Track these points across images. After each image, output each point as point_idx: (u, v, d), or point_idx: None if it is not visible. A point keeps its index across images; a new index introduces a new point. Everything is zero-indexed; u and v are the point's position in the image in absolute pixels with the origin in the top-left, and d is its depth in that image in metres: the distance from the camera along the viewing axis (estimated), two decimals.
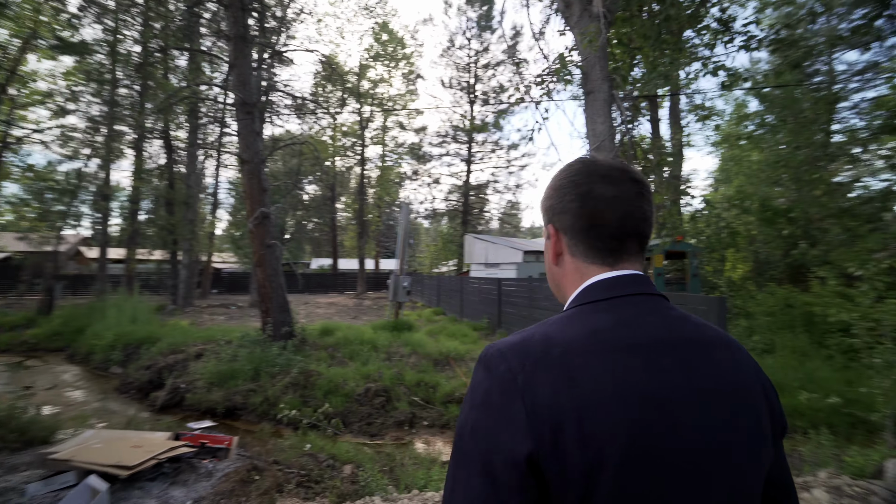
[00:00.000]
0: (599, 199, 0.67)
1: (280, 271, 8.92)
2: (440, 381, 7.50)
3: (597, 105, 4.73)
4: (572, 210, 0.69)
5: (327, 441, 5.35)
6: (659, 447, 0.53)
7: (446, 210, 25.76)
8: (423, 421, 6.69)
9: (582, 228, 0.69)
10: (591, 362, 0.56)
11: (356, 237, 24.87)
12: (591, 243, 0.68)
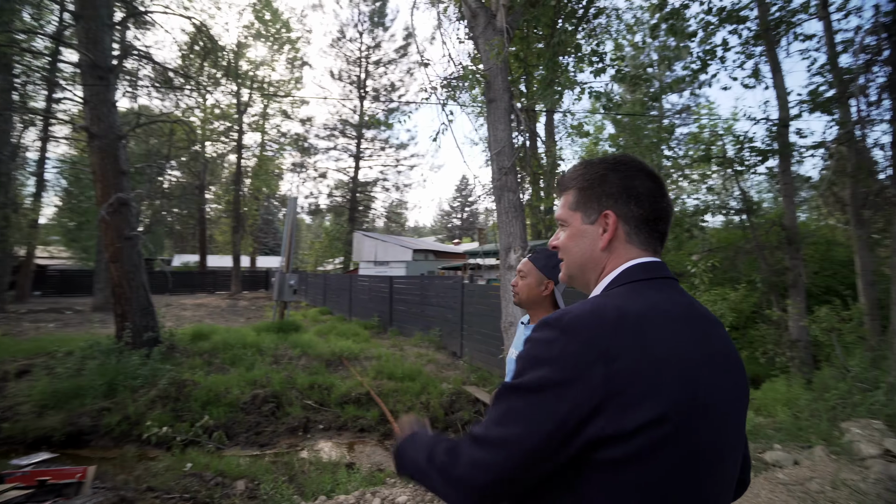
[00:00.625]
0: (663, 199, 0.81)
1: (142, 268, 7.63)
2: (335, 383, 7.24)
3: (498, 113, 5.08)
4: (642, 205, 0.80)
5: (212, 457, 4.77)
6: (707, 401, 0.65)
7: (331, 206, 24.76)
8: (319, 424, 6.39)
9: (649, 220, 0.80)
10: (656, 329, 0.66)
11: (230, 232, 22.40)
12: (652, 234, 0.81)
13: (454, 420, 6.59)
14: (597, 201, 0.83)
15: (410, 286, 11.54)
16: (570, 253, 0.87)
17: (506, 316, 4.75)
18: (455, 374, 8.01)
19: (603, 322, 0.65)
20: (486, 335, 8.16)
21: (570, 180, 0.89)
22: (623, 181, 0.82)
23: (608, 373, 0.61)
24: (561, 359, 0.64)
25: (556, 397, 0.62)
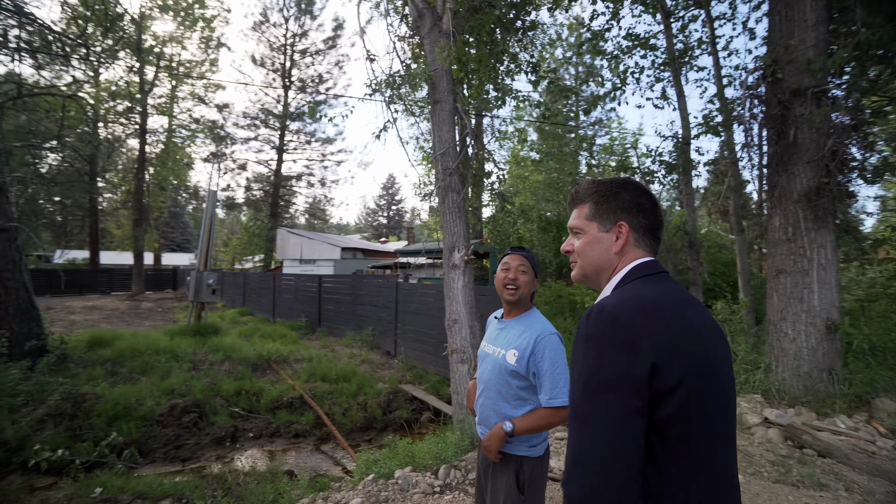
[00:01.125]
0: (659, 212, 1.01)
1: (23, 265, 6.54)
2: (264, 388, 6.84)
3: (443, 114, 5.17)
4: (647, 217, 0.99)
5: (126, 479, 4.27)
6: (712, 363, 0.82)
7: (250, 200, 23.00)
8: (249, 433, 6.00)
9: (651, 228, 0.99)
10: (671, 311, 0.83)
11: (130, 225, 19.85)
12: (653, 239, 0.99)
13: (393, 419, 6.58)
14: (612, 214, 0.99)
15: (341, 285, 11.23)
16: (588, 257, 1.01)
17: (450, 314, 4.87)
18: (390, 373, 7.98)
19: (633, 308, 0.82)
20: (422, 334, 8.23)
21: (584, 195, 1.05)
22: (633, 198, 0.99)
23: (650, 346, 0.77)
24: (619, 339, 0.78)
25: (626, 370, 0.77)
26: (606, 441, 0.74)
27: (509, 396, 1.70)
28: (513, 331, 1.75)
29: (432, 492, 3.28)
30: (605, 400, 0.75)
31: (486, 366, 1.81)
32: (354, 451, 5.48)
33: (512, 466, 1.68)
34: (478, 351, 1.94)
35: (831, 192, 4.65)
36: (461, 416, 4.51)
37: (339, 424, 6.14)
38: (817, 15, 4.89)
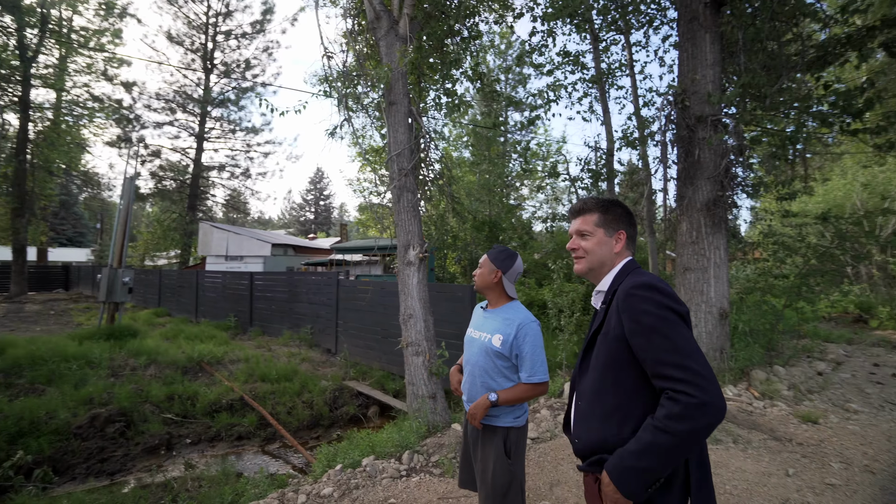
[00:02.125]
0: (636, 225, 1.36)
1: None
2: (199, 391, 6.48)
3: (399, 116, 5.33)
4: (634, 228, 1.34)
5: (41, 500, 3.87)
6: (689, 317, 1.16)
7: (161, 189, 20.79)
8: (185, 439, 5.68)
9: (634, 237, 1.35)
10: (668, 285, 1.17)
11: (8, 215, 17.02)
12: (634, 244, 1.35)
13: (340, 416, 6.60)
14: (616, 223, 1.34)
15: (276, 283, 10.81)
16: (595, 254, 1.34)
17: (405, 309, 5.07)
18: (333, 370, 7.94)
19: (663, 282, 1.17)
20: (365, 330, 8.28)
21: (592, 207, 1.39)
22: (626, 213, 1.37)
23: (680, 300, 1.13)
24: (671, 297, 1.13)
25: (683, 316, 1.11)
26: (704, 360, 1.05)
27: (494, 374, 1.97)
28: (497, 318, 2.02)
29: (399, 476, 3.48)
30: (686, 334, 1.08)
31: (473, 349, 2.07)
32: (304, 448, 5.46)
33: (500, 436, 1.96)
34: (465, 336, 2.20)
35: (725, 203, 5.61)
36: (417, 406, 4.73)
37: (285, 423, 6.03)
38: (714, 56, 5.84)
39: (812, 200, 12.76)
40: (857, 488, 3.01)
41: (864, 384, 5.30)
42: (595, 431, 1.20)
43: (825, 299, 7.76)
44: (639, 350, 1.12)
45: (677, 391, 1.03)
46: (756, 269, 8.95)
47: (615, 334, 1.19)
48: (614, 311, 1.21)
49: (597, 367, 1.24)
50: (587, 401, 1.26)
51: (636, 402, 1.15)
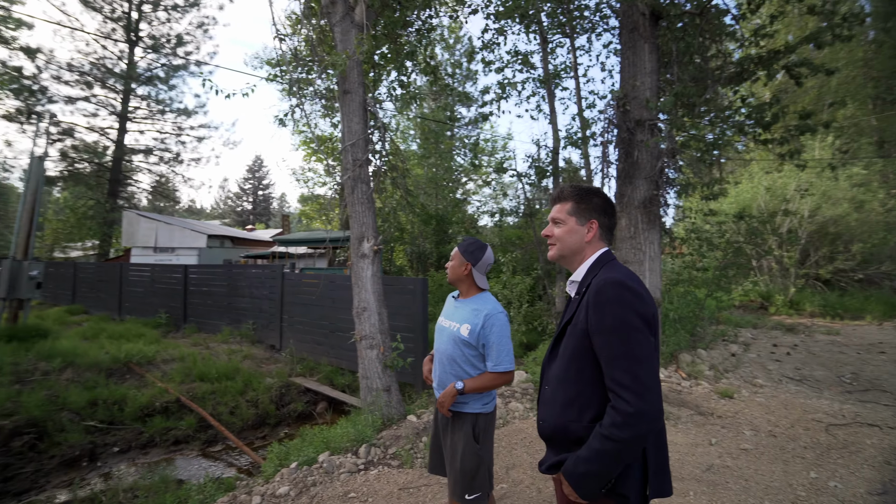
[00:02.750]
0: (615, 215, 1.40)
1: None
2: (128, 394, 5.98)
3: (353, 105, 5.21)
4: (610, 218, 1.38)
5: None
6: (656, 312, 1.25)
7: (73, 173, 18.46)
8: (113, 447, 5.23)
9: (610, 228, 1.38)
10: (640, 282, 1.23)
11: None
12: (609, 235, 1.39)
13: (287, 413, 6.39)
14: (588, 213, 1.38)
15: (214, 276, 10.15)
16: (566, 242, 1.38)
17: (358, 302, 5.01)
18: (278, 367, 7.64)
19: (633, 279, 1.23)
20: (311, 325, 8.05)
21: (567, 196, 1.41)
22: (602, 203, 1.40)
23: (649, 302, 1.20)
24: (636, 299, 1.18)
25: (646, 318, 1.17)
26: (652, 370, 1.11)
27: (462, 362, 2.02)
28: (467, 308, 2.07)
29: (357, 470, 3.46)
30: (642, 341, 1.13)
31: (443, 337, 2.11)
32: (251, 448, 5.24)
33: (469, 421, 2.02)
34: (436, 325, 2.24)
35: (659, 201, 6.10)
36: (372, 399, 4.71)
37: (227, 424, 5.73)
38: (652, 65, 6.29)
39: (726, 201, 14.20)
40: (764, 450, 3.46)
41: (767, 362, 6.04)
42: (558, 416, 1.27)
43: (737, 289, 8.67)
44: (597, 347, 1.19)
45: (620, 397, 1.10)
46: (682, 263, 9.83)
47: (582, 328, 1.24)
48: (585, 304, 1.25)
49: (564, 355, 1.30)
50: (553, 387, 1.32)
51: (596, 391, 1.21)
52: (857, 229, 12.82)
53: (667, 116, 6.03)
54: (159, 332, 9.35)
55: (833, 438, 3.64)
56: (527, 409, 4.68)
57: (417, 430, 4.16)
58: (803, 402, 4.54)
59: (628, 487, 1.16)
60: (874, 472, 3.10)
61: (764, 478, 3.04)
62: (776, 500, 2.77)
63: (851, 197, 12.94)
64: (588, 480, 1.13)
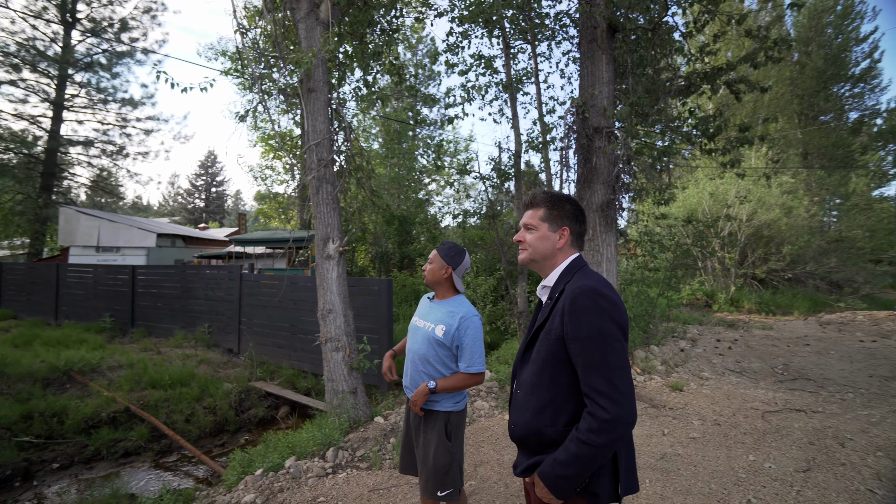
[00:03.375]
0: (586, 222, 1.44)
1: None
2: (69, 405, 5.59)
3: (318, 104, 5.13)
4: (581, 225, 1.43)
5: None
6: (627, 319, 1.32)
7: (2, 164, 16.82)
8: (52, 464, 4.87)
9: (581, 234, 1.43)
10: (613, 289, 1.29)
11: None
12: (580, 241, 1.44)
13: (247, 419, 6.19)
14: (559, 219, 1.41)
15: (165, 277, 9.61)
16: (537, 248, 1.41)
17: (324, 304, 4.95)
18: (237, 371, 7.38)
19: (608, 286, 1.27)
20: (272, 327, 7.83)
21: (540, 202, 1.45)
22: (574, 210, 1.44)
23: (623, 310, 1.24)
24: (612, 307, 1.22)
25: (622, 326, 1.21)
26: (627, 376, 1.15)
27: (435, 362, 2.07)
28: (442, 310, 2.11)
29: (325, 474, 3.43)
30: (617, 349, 1.17)
31: (417, 337, 2.14)
32: (209, 457, 5.03)
33: (441, 420, 2.07)
34: (409, 325, 2.28)
35: (615, 206, 6.42)
36: (338, 402, 4.66)
37: (183, 433, 5.47)
38: (609, 75, 6.61)
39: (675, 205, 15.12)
40: (710, 438, 3.75)
41: (712, 356, 6.51)
42: (531, 420, 1.30)
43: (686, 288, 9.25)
44: (573, 354, 1.21)
45: (597, 404, 1.13)
46: (635, 264, 10.37)
47: (557, 334, 1.25)
48: (559, 311, 1.27)
49: (537, 360, 1.31)
50: (525, 391, 1.35)
51: (569, 397, 1.25)
52: (786, 233, 14.03)
53: (622, 125, 6.36)
54: (103, 338, 8.75)
55: (768, 424, 4.00)
56: (492, 408, 4.80)
57: (385, 432, 4.17)
58: (743, 392, 4.94)
59: (600, 486, 1.21)
60: (801, 452, 3.45)
61: (710, 463, 3.30)
62: (721, 482, 3.02)
63: (782, 203, 14.13)
64: (564, 482, 1.17)
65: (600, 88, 6.54)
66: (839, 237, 16.37)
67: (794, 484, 2.98)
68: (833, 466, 3.20)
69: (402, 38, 18.88)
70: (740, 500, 2.80)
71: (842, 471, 3.14)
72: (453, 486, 2.04)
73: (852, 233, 16.60)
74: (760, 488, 2.94)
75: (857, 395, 4.82)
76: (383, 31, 6.56)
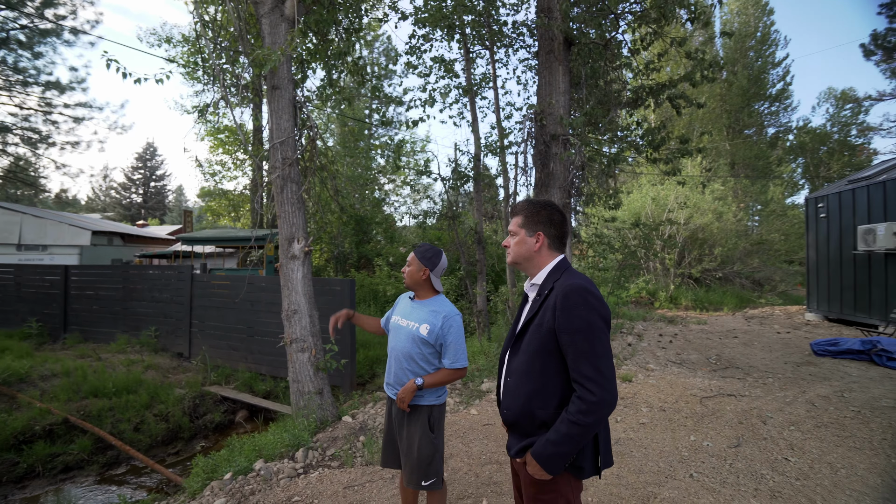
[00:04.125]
0: (565, 225, 1.58)
1: None
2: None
3: (283, 101, 5.05)
4: (556, 228, 1.56)
5: None
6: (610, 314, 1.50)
7: None
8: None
9: (559, 237, 1.57)
10: (597, 287, 1.46)
11: None
12: (560, 244, 1.58)
13: (203, 425, 5.95)
14: (536, 225, 1.57)
15: (104, 278, 8.94)
16: (517, 251, 1.57)
17: (289, 304, 4.90)
18: (188, 376, 7.05)
19: (593, 284, 1.43)
20: (227, 329, 7.55)
21: (520, 210, 1.61)
22: (549, 216, 1.59)
23: (605, 305, 1.40)
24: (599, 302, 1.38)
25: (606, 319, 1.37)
26: (610, 363, 1.32)
27: (419, 359, 2.17)
28: (424, 309, 2.22)
29: (297, 474, 3.43)
30: (603, 339, 1.33)
31: (399, 335, 2.23)
32: (163, 466, 4.81)
33: (424, 414, 2.18)
34: (389, 324, 2.35)
35: (570, 209, 6.81)
36: (304, 403, 4.63)
37: (133, 442, 5.18)
38: (565, 85, 6.99)
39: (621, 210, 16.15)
40: (657, 423, 4.13)
41: (656, 349, 7.07)
42: (523, 405, 1.45)
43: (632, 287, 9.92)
44: (564, 344, 1.35)
45: (585, 388, 1.28)
46: (587, 264, 10.98)
47: (549, 327, 1.39)
48: (550, 306, 1.40)
49: (527, 351, 1.45)
50: (516, 379, 1.49)
51: (558, 382, 1.41)
52: (717, 236, 15.38)
53: (577, 132, 6.76)
54: (30, 345, 8.00)
55: (705, 408, 4.46)
56: (457, 403, 4.96)
57: (354, 430, 4.21)
58: (684, 381, 5.44)
59: (585, 461, 1.40)
60: (732, 430, 3.90)
61: (658, 444, 3.65)
62: (668, 461, 3.36)
63: (714, 209, 15.49)
64: (556, 459, 1.33)
65: (557, 98, 6.89)
66: (760, 240, 18.14)
67: (727, 458, 3.38)
68: (758, 441, 3.66)
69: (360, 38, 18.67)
70: (684, 475, 3.15)
71: (764, 444, 3.60)
72: (436, 476, 2.16)
73: (771, 236, 18.46)
74: (700, 464, 3.31)
75: (776, 379, 5.46)
76: (346, 30, 6.53)
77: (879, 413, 4.18)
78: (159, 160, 44.27)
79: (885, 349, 6.17)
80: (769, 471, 3.18)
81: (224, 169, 14.84)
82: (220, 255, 13.43)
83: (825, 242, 10.13)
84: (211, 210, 15.21)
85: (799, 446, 3.54)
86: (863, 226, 8.55)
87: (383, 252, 14.44)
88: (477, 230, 8.90)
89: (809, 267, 10.71)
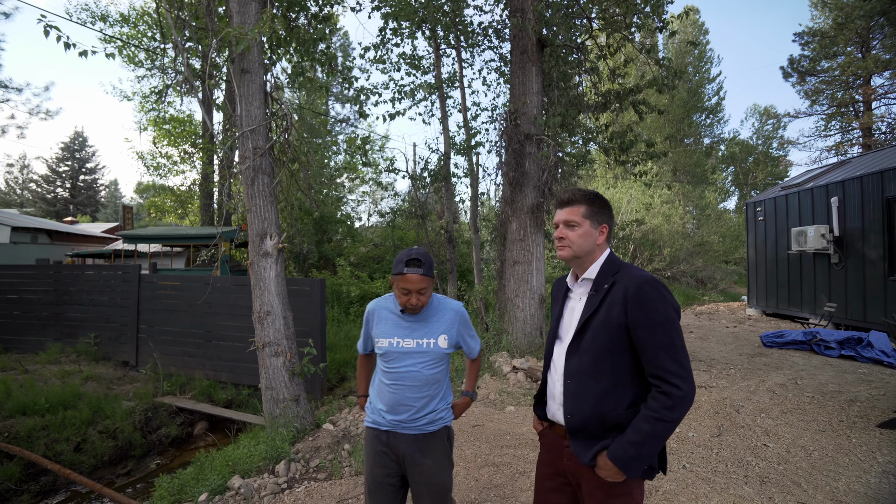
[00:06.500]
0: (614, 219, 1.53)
1: None
2: None
3: (253, 87, 4.67)
4: (613, 224, 1.51)
5: None
6: None
7: None
8: None
9: (612, 231, 1.52)
10: None
11: None
12: (611, 238, 1.52)
13: (157, 440, 5.40)
14: (600, 217, 1.48)
15: (29, 280, 7.92)
16: (580, 245, 1.46)
17: (261, 305, 4.58)
18: (137, 386, 6.40)
19: (658, 278, 1.40)
20: (181, 334, 6.95)
21: (580, 199, 1.48)
22: (609, 208, 1.54)
23: None
24: (669, 294, 1.33)
25: (679, 318, 1.32)
26: (688, 357, 1.27)
27: (442, 376, 1.92)
28: (430, 320, 1.90)
29: (281, 489, 3.16)
30: (680, 332, 1.29)
31: (409, 361, 1.85)
32: (113, 489, 4.29)
33: (443, 435, 1.93)
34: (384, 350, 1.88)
35: (544, 208, 6.88)
36: (279, 412, 4.32)
37: (73, 464, 4.58)
38: (539, 86, 7.07)
39: None
40: None
41: None
42: (593, 407, 1.34)
43: None
44: (639, 339, 1.28)
45: (669, 383, 1.22)
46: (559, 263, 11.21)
47: (619, 322, 1.31)
48: (618, 300, 1.33)
49: (592, 350, 1.36)
50: (580, 380, 1.38)
51: (630, 381, 1.34)
52: (666, 237, 16.34)
53: (550, 133, 6.86)
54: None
55: None
56: None
57: (337, 438, 3.96)
58: None
59: (656, 460, 1.33)
60: (711, 420, 4.07)
61: None
62: None
63: (663, 212, 16.43)
64: (637, 461, 1.25)
65: (531, 98, 6.95)
66: (702, 242, 19.49)
67: (713, 448, 3.51)
68: (736, 429, 3.84)
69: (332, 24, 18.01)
70: (678, 467, 3.22)
71: (742, 432, 3.78)
72: (450, 490, 1.98)
73: (710, 238, 19.90)
74: (689, 454, 3.41)
75: (737, 370, 5.81)
76: (315, 16, 6.22)
77: (830, 398, 4.55)
78: (90, 151, 40.23)
79: (823, 339, 6.78)
80: (752, 457, 3.33)
81: (170, 162, 13.71)
82: (168, 255, 12.39)
83: (763, 244, 11.02)
84: (155, 206, 14.00)
85: (773, 432, 3.75)
86: (795, 228, 9.35)
87: (344, 252, 13.98)
88: (447, 229, 8.81)
89: (749, 266, 11.59)
